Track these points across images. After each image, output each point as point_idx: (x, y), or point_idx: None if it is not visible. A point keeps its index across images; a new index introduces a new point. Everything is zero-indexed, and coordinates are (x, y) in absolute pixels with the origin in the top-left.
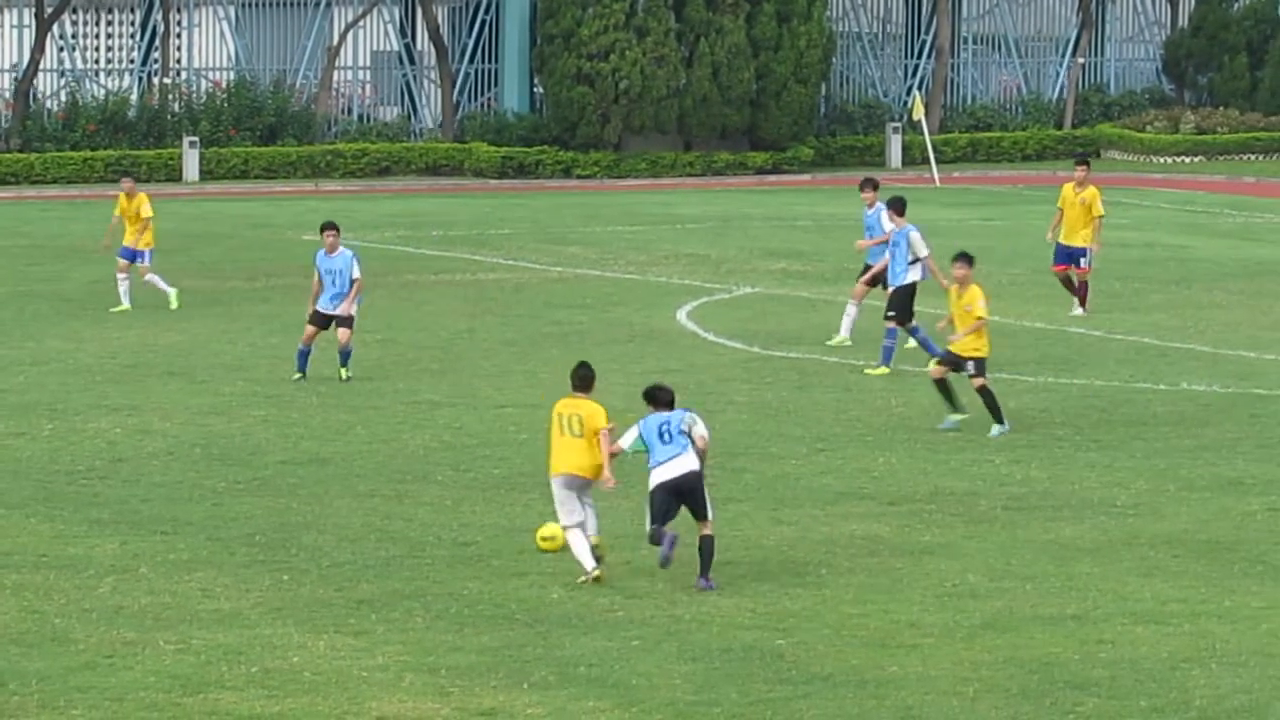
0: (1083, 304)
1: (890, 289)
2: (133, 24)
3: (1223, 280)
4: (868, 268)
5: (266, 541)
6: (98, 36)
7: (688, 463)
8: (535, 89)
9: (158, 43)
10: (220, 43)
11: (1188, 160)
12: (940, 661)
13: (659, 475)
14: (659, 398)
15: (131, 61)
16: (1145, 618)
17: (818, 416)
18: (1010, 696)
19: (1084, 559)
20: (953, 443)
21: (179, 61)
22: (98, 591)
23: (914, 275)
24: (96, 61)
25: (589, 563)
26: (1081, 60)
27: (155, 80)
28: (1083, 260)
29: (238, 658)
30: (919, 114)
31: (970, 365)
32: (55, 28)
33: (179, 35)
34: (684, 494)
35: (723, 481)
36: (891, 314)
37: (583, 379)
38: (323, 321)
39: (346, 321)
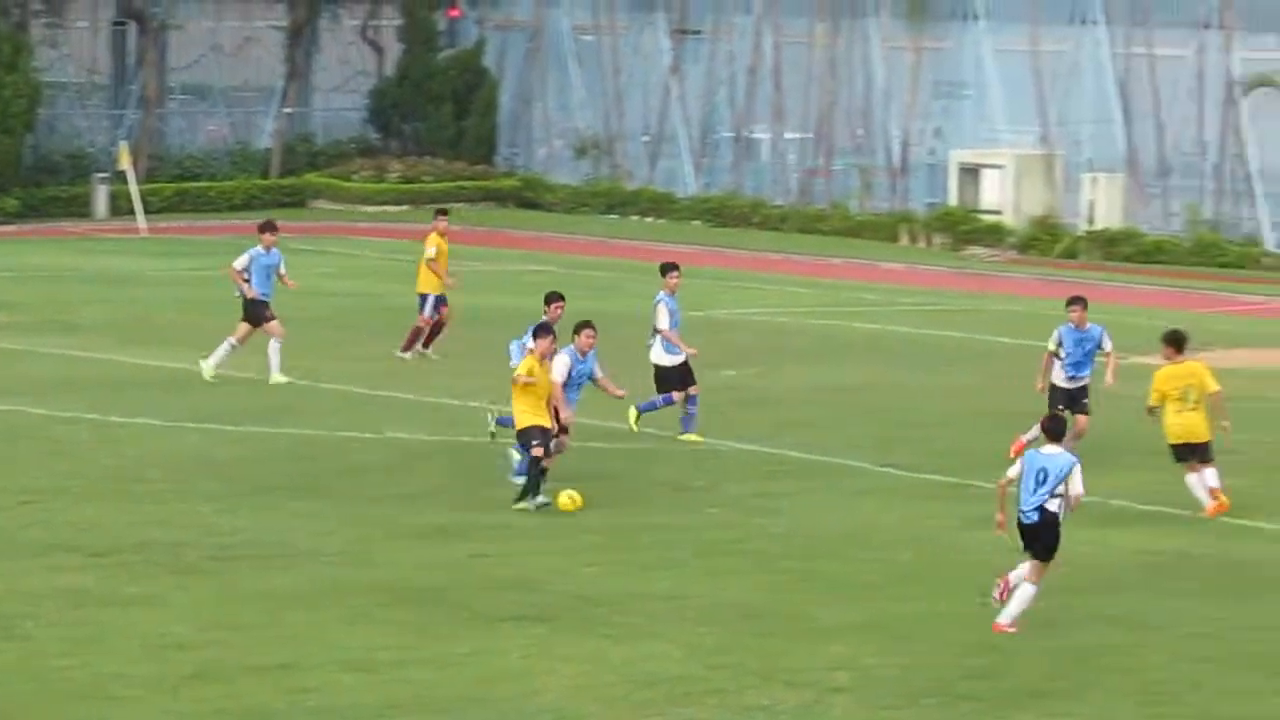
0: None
1: None
2: None
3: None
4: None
5: None
6: None
7: None
8: None
9: None
10: None
11: (395, 209)
12: (148, 713)
13: None
14: None
15: None
16: (353, 665)
17: (23, 469)
18: None
19: (294, 608)
20: (160, 494)
21: None
22: None
23: None
24: None
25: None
26: (289, 110)
27: None
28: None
29: None
30: (124, 163)
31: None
32: None
33: None
34: None
35: None
36: None
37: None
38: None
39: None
